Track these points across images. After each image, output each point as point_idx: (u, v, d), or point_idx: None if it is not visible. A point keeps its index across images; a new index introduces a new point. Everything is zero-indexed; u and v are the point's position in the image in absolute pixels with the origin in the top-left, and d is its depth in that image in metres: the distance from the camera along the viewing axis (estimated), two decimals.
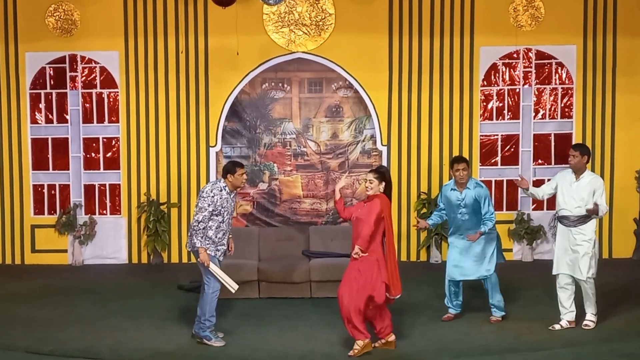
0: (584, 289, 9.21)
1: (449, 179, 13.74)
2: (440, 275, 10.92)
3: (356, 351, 8.19)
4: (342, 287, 8.27)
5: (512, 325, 9.31)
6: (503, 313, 9.59)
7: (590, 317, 9.26)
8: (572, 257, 9.16)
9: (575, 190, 9.19)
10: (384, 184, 8.36)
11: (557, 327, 9.27)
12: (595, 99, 14.02)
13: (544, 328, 9.12)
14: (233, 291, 8.80)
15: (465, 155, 13.87)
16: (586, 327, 9.17)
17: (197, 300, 10.79)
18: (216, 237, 8.64)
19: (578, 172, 9.24)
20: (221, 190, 8.64)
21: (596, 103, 14.03)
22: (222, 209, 8.61)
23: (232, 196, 8.77)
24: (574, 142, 13.93)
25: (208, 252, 8.58)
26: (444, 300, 10.35)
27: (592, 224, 9.17)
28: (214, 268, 8.55)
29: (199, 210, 8.55)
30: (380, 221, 8.20)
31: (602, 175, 13.84)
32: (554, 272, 9.39)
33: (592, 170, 13.73)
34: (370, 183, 8.33)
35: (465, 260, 9.54)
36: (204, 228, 8.55)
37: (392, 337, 8.53)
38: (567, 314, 9.32)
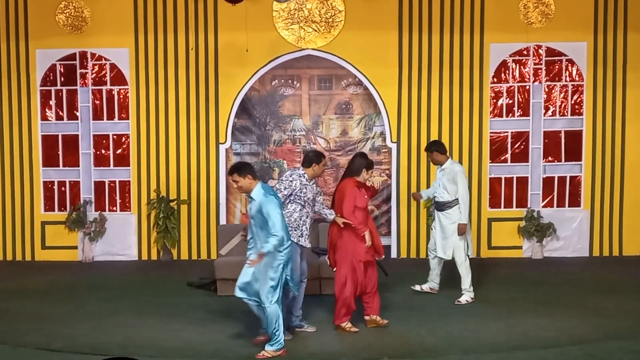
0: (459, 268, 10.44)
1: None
2: (449, 272, 10.94)
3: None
4: None
5: (520, 322, 9.27)
6: (279, 346, 8.00)
7: (465, 295, 10.40)
8: (442, 238, 10.59)
9: (439, 179, 10.57)
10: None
11: (417, 287, 10.96)
12: (605, 95, 13.97)
13: (553, 325, 9.08)
14: (221, 253, 9.52)
15: (475, 152, 13.94)
16: (458, 303, 10.27)
17: (207, 296, 10.89)
18: (301, 219, 8.84)
19: (440, 164, 10.59)
20: (300, 177, 8.86)
21: (606, 100, 13.97)
22: (301, 194, 8.82)
23: (311, 183, 8.94)
24: (584, 139, 13.96)
25: (291, 238, 8.68)
26: (452, 298, 10.40)
27: (457, 208, 10.37)
28: (236, 238, 9.14)
29: (277, 192, 8.74)
30: None
31: (612, 172, 13.89)
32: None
33: (603, 167, 13.85)
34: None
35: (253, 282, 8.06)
36: None
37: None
38: (430, 282, 10.96)
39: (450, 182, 10.39)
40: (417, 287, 10.96)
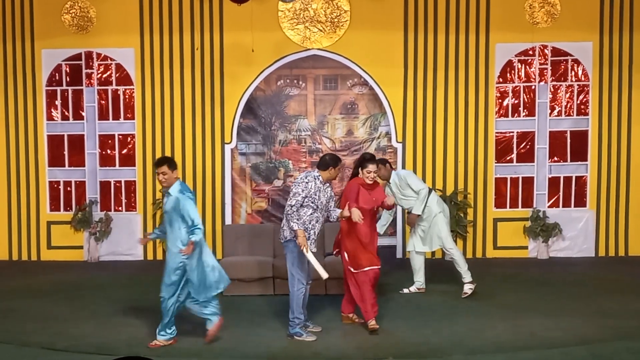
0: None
1: (464, 175, 13.83)
2: (448, 273, 10.95)
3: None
4: None
5: (526, 322, 9.26)
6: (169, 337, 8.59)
7: (466, 285, 10.67)
8: (425, 233, 10.90)
9: (393, 193, 10.81)
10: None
11: (405, 290, 11.01)
12: (611, 95, 13.95)
13: (558, 325, 9.06)
14: (324, 278, 8.89)
15: (481, 152, 13.91)
16: (465, 295, 10.55)
17: None
18: (310, 223, 8.72)
19: (387, 179, 10.82)
20: (315, 179, 8.75)
21: (612, 100, 13.95)
22: (315, 197, 8.71)
23: (325, 187, 8.85)
24: (590, 139, 13.94)
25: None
26: (457, 297, 10.40)
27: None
28: (310, 255, 8.68)
29: (293, 195, 8.67)
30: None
31: (617, 172, 13.88)
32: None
33: (608, 167, 13.82)
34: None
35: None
36: (297, 211, 8.64)
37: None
38: (417, 283, 11.09)
39: (405, 188, 10.78)
40: (405, 290, 11.04)
